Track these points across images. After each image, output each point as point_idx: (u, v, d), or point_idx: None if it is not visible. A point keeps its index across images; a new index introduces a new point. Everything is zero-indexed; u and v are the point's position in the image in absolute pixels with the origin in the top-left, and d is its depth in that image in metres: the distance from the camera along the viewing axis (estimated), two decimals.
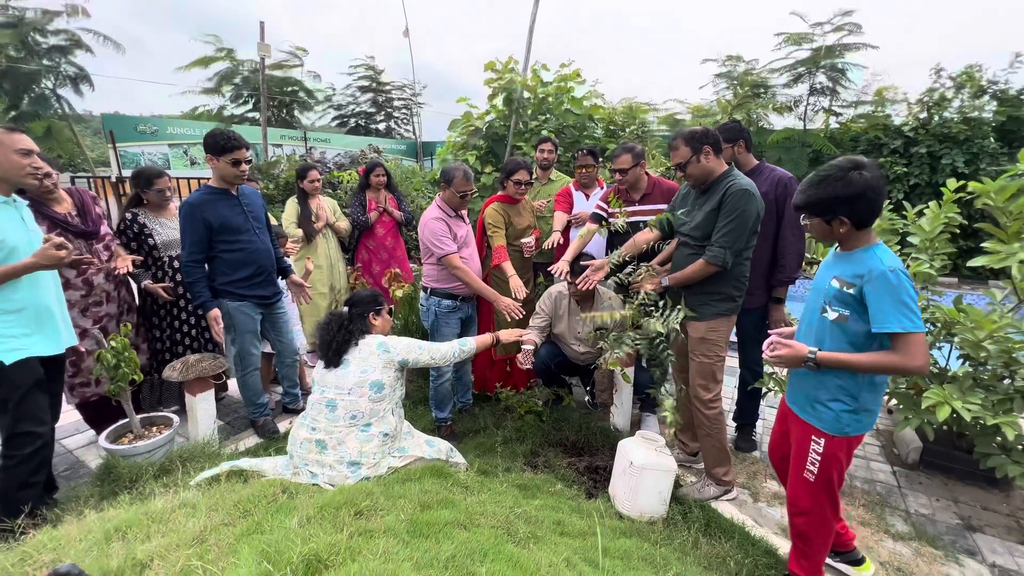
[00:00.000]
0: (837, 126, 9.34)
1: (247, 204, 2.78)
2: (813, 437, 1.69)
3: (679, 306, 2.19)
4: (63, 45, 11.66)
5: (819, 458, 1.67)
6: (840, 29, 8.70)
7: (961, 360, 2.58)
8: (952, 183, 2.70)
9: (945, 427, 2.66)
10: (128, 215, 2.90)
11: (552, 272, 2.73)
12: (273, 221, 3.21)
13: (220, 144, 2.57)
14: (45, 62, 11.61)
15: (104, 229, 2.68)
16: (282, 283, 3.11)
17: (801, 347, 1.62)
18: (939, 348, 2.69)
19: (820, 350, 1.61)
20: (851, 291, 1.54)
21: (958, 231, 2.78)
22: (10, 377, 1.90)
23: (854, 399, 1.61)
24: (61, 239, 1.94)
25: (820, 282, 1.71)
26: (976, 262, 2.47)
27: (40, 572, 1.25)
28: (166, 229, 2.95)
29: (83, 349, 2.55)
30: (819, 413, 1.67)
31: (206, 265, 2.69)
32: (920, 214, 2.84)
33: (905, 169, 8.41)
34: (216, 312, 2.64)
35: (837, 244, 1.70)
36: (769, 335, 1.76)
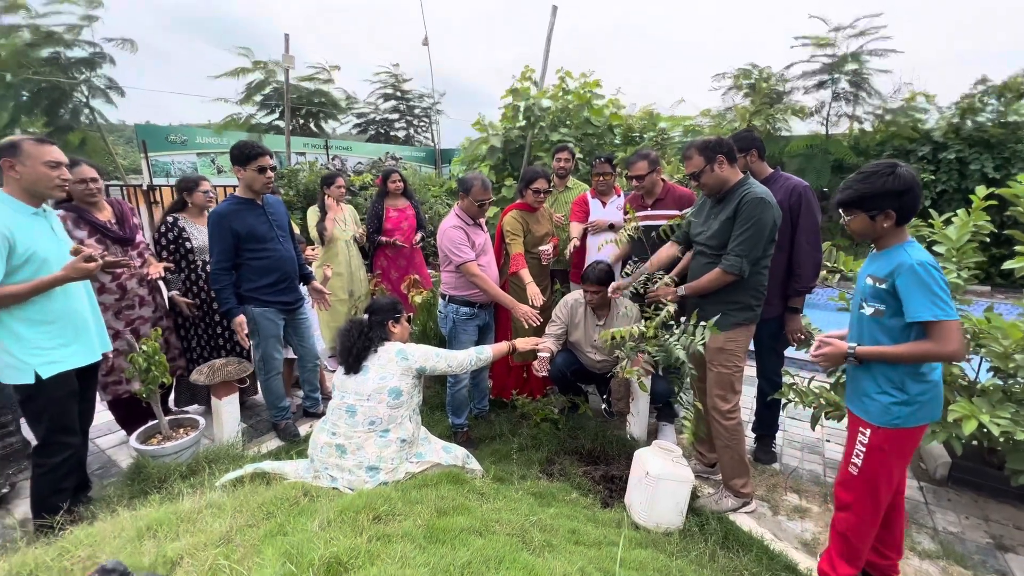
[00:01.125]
0: (860, 133, 9.11)
1: (272, 213, 2.87)
2: (860, 428, 1.74)
3: (703, 323, 2.16)
4: (89, 58, 12.03)
5: (864, 449, 1.72)
6: (864, 34, 8.51)
7: (991, 372, 2.51)
8: (981, 190, 2.63)
9: (975, 442, 2.57)
10: (169, 219, 3.03)
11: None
12: (296, 229, 3.30)
13: (245, 153, 2.68)
14: (75, 75, 12.02)
15: (139, 238, 2.80)
16: (303, 289, 3.19)
17: (841, 344, 1.72)
18: (968, 360, 2.61)
19: (860, 345, 1.69)
20: (884, 286, 1.63)
21: (988, 239, 2.70)
22: (46, 390, 1.93)
23: (901, 390, 1.65)
24: (89, 251, 1.95)
25: (858, 281, 1.80)
26: (1010, 264, 2.44)
27: (77, 566, 1.32)
28: (202, 235, 3.06)
29: (115, 350, 2.64)
30: (866, 405, 1.72)
31: (233, 272, 2.78)
32: (948, 222, 2.77)
33: (933, 176, 8.16)
34: (241, 319, 2.72)
35: (873, 245, 1.75)
36: (814, 341, 1.85)
